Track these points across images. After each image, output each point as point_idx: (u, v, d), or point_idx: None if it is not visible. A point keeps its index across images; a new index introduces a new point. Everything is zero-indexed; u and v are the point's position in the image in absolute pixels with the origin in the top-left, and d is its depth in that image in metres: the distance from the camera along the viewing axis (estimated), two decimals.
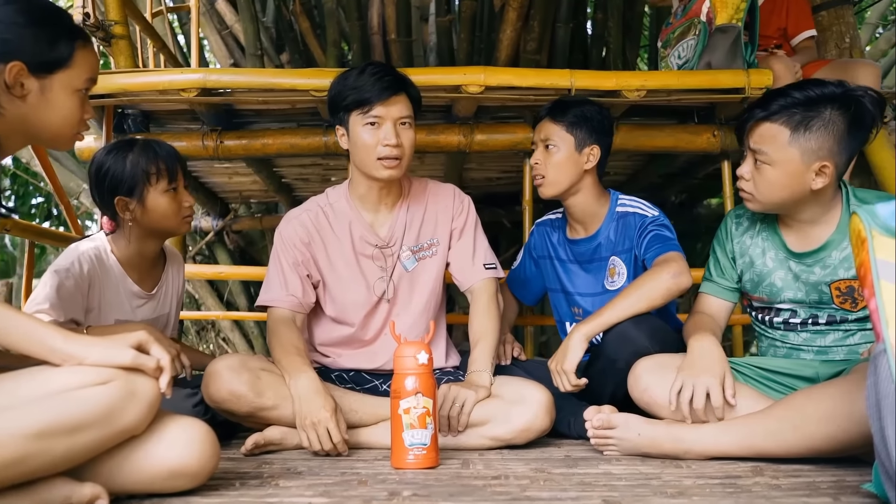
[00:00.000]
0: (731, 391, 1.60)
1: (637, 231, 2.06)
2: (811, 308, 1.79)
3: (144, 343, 1.25)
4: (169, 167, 1.93)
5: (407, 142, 1.88)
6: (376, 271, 1.99)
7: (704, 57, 2.63)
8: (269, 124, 2.93)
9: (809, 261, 1.77)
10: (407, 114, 1.87)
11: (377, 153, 1.85)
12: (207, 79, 2.47)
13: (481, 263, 2.04)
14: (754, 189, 1.75)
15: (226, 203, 4.54)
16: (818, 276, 1.76)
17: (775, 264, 1.83)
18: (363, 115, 1.85)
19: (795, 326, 1.83)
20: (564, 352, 1.85)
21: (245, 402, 1.73)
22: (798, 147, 1.66)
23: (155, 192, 1.92)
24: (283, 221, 2.03)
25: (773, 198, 1.73)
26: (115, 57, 2.86)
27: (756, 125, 1.71)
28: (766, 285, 1.85)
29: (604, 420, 1.71)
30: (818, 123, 1.64)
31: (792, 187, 1.69)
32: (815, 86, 1.68)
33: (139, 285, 1.99)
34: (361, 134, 1.86)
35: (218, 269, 3.25)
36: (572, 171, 2.09)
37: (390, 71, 1.90)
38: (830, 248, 1.74)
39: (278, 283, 1.95)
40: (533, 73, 2.52)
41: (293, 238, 1.98)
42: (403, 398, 1.57)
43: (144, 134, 2.87)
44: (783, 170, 1.68)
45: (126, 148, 1.92)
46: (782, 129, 1.66)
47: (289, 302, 1.94)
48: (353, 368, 2.04)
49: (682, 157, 3.20)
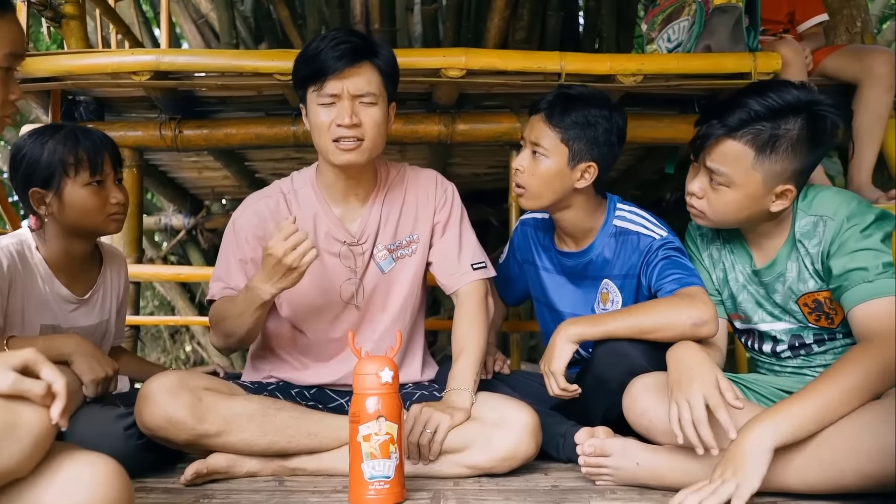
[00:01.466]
0: (731, 393, 1.33)
1: (643, 256, 1.75)
2: (792, 332, 1.60)
3: (32, 363, 1.01)
4: (91, 157, 1.68)
5: (368, 121, 1.60)
6: (343, 272, 1.74)
7: (703, 40, 2.41)
8: (235, 113, 2.70)
9: (769, 277, 1.59)
10: (368, 89, 1.60)
11: (331, 134, 1.60)
12: (161, 60, 2.24)
13: (468, 263, 1.78)
14: (707, 208, 1.56)
15: (198, 199, 4.31)
16: (782, 294, 1.58)
17: (744, 279, 1.64)
18: (318, 91, 1.60)
19: (783, 354, 1.64)
20: (551, 352, 1.62)
21: (184, 429, 1.49)
22: (762, 170, 1.48)
23: (74, 185, 1.68)
24: (238, 209, 1.79)
25: (726, 218, 1.56)
26: (67, 38, 2.63)
27: (716, 142, 1.50)
28: (740, 303, 1.66)
29: (597, 446, 1.50)
30: (784, 144, 1.46)
31: (750, 210, 1.53)
32: (774, 93, 1.48)
33: (69, 289, 1.75)
34: (317, 113, 1.62)
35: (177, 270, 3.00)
36: (559, 188, 1.75)
37: (352, 36, 1.61)
38: (782, 260, 1.56)
39: (221, 275, 1.75)
40: (519, 55, 2.29)
41: (245, 230, 1.74)
42: (363, 423, 1.35)
43: (97, 123, 2.63)
44: (742, 192, 1.50)
45: (49, 133, 1.69)
46: (746, 149, 1.47)
47: (228, 294, 1.72)
48: (315, 385, 1.80)
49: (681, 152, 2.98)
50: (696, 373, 1.38)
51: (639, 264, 1.76)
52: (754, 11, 2.34)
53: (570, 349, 1.60)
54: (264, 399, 1.60)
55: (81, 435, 1.48)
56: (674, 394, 1.39)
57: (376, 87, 1.62)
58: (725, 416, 1.30)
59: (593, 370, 1.64)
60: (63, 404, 1.01)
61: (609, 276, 1.82)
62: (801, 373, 1.62)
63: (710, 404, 1.32)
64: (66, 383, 1.01)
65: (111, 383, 1.65)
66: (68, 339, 1.63)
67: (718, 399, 1.32)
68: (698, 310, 1.54)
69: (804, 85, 1.50)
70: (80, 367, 1.59)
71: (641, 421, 1.53)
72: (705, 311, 1.55)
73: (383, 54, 1.64)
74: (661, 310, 1.58)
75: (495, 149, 3.19)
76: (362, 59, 1.59)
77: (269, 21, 5.12)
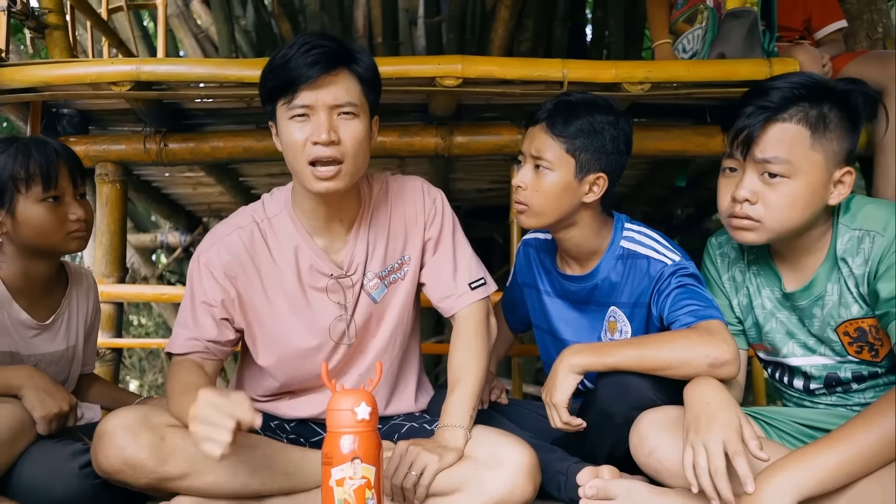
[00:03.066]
0: (754, 442, 1.17)
1: (654, 283, 1.58)
2: (827, 368, 1.43)
3: None
4: (44, 171, 1.54)
5: (349, 137, 1.39)
6: (332, 309, 1.55)
7: (716, 46, 2.28)
8: (223, 126, 2.59)
9: (804, 301, 1.41)
10: (348, 99, 1.39)
11: (306, 155, 1.39)
12: (141, 70, 2.12)
13: (465, 282, 1.60)
14: (765, 212, 1.33)
15: (194, 216, 4.19)
16: (820, 320, 1.40)
17: (773, 306, 1.47)
18: (288, 104, 1.39)
19: (817, 392, 1.47)
20: (553, 383, 1.47)
21: (144, 473, 1.33)
22: (822, 151, 1.31)
23: (27, 201, 1.55)
24: (204, 242, 1.55)
25: (791, 221, 1.34)
26: (51, 50, 2.53)
27: (764, 128, 1.32)
28: (766, 333, 1.49)
29: (600, 488, 1.36)
30: (835, 120, 1.31)
31: (814, 206, 1.33)
32: (797, 76, 1.36)
33: (29, 313, 1.62)
34: (289, 131, 1.40)
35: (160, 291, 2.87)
36: (566, 204, 1.58)
37: (326, 41, 1.40)
38: (821, 281, 1.38)
39: (186, 321, 1.52)
40: (519, 62, 2.15)
41: (214, 268, 1.51)
42: (336, 465, 1.20)
43: (80, 137, 2.53)
44: (805, 181, 1.31)
45: (3, 146, 1.56)
46: (801, 129, 1.30)
47: (192, 346, 1.49)
48: (295, 418, 1.64)
49: (692, 165, 2.84)
50: (716, 415, 1.22)
51: (649, 292, 1.59)
52: (771, 15, 2.20)
53: (574, 380, 1.44)
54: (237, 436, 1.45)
55: (31, 476, 1.36)
56: (689, 436, 1.23)
57: (356, 96, 1.41)
58: (745, 466, 1.15)
59: (597, 403, 1.48)
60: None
61: (616, 303, 1.66)
62: (835, 408, 1.45)
63: (730, 451, 1.17)
64: None
65: (67, 418, 1.52)
66: (17, 371, 1.50)
67: (739, 447, 1.17)
68: (718, 349, 1.37)
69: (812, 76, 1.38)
70: (29, 401, 1.46)
71: (649, 461, 1.38)
72: (726, 349, 1.37)
73: (362, 60, 1.45)
74: (677, 345, 1.41)
75: (498, 163, 3.07)
76: (338, 65, 1.40)
77: (271, 35, 5.04)
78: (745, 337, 1.55)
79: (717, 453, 1.17)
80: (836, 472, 1.11)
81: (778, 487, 1.11)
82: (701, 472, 1.18)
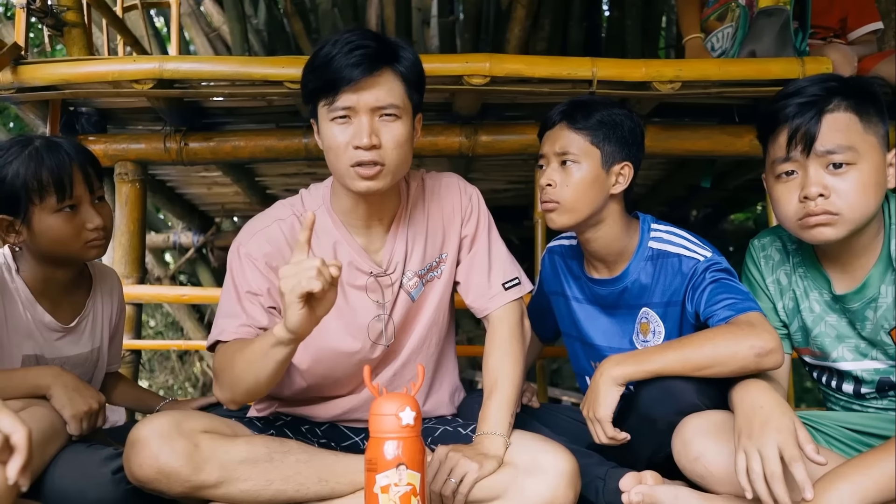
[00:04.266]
0: (811, 446, 1.14)
1: (687, 281, 1.55)
2: (880, 372, 1.39)
3: None
4: (57, 181, 1.46)
5: (390, 141, 1.37)
6: (371, 308, 1.52)
7: (746, 45, 2.25)
8: (243, 125, 2.56)
9: (856, 303, 1.38)
10: (390, 101, 1.37)
11: (348, 158, 1.37)
12: (164, 67, 2.09)
13: (499, 283, 1.57)
14: (841, 203, 1.30)
15: (208, 217, 4.17)
16: (873, 323, 1.37)
17: (822, 309, 1.44)
18: (329, 106, 1.37)
19: (868, 396, 1.44)
20: (595, 397, 1.43)
21: (178, 481, 1.29)
22: (874, 133, 1.31)
23: (42, 212, 1.48)
24: (243, 234, 1.52)
25: (868, 208, 1.31)
26: (69, 48, 2.50)
27: (821, 120, 1.30)
28: (815, 337, 1.46)
29: (646, 494, 1.32)
30: (876, 106, 1.32)
31: (882, 186, 1.33)
32: (818, 75, 1.38)
33: (53, 315, 1.58)
34: (331, 133, 1.38)
35: (181, 291, 2.84)
36: (597, 196, 1.58)
37: (368, 39, 1.36)
38: (874, 283, 1.36)
39: (233, 311, 1.47)
40: (547, 60, 2.12)
41: (256, 259, 1.46)
42: (381, 471, 1.17)
43: (99, 136, 2.50)
44: (869, 165, 1.30)
45: (15, 152, 1.48)
46: (851, 115, 1.30)
47: (244, 332, 1.45)
48: (327, 420, 1.61)
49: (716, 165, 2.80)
50: (770, 419, 1.19)
51: (683, 289, 1.56)
52: (804, 14, 2.17)
53: (617, 392, 1.41)
54: (269, 441, 1.41)
55: (62, 481, 1.32)
56: (742, 441, 1.19)
57: (399, 97, 1.38)
58: (803, 472, 1.11)
59: (639, 409, 1.45)
60: (23, 460, 0.84)
61: (648, 303, 1.63)
62: (886, 412, 1.42)
63: (786, 457, 1.13)
64: (28, 435, 0.85)
65: (97, 418, 1.49)
66: (46, 371, 1.47)
67: (796, 451, 1.13)
68: (761, 338, 1.34)
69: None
70: (59, 401, 1.42)
71: (695, 467, 1.34)
72: (769, 339, 1.34)
73: (406, 58, 1.41)
74: (719, 341, 1.37)
75: (517, 163, 3.04)
76: (382, 65, 1.37)
77: (283, 34, 5.01)
78: (790, 341, 1.52)
79: (772, 458, 1.14)
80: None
81: (840, 495, 1.08)
82: (756, 478, 1.15)
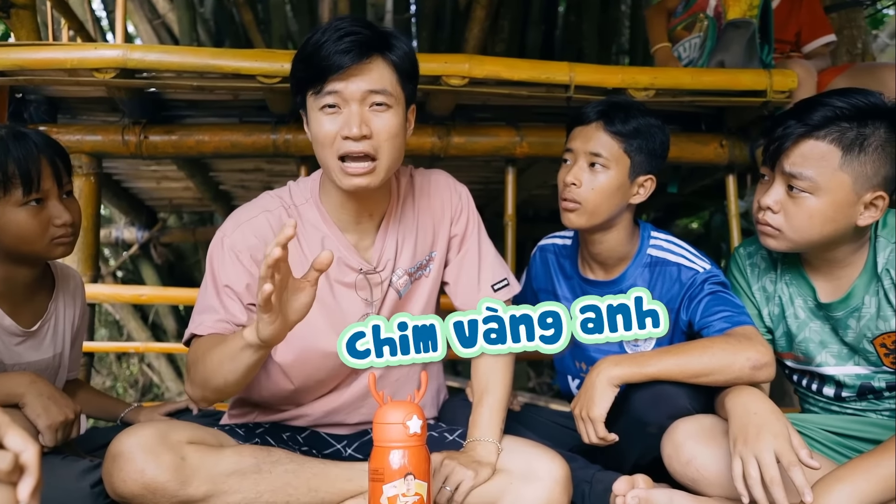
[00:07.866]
0: (805, 451, 1.18)
1: (685, 290, 1.59)
2: (861, 377, 1.46)
3: None
4: (24, 172, 1.38)
5: (382, 131, 1.32)
6: (359, 305, 1.48)
7: (716, 55, 2.31)
8: (206, 118, 2.46)
9: (840, 312, 1.44)
10: (381, 87, 1.31)
11: (336, 149, 1.32)
12: (128, 56, 1.99)
13: (489, 284, 1.56)
14: (785, 223, 1.39)
15: (153, 212, 4.01)
16: (855, 331, 1.43)
17: (806, 315, 1.49)
18: (317, 94, 1.32)
19: (848, 400, 1.50)
20: (590, 396, 1.44)
21: (165, 497, 1.22)
22: (851, 172, 1.33)
23: (6, 206, 1.39)
24: (228, 224, 1.45)
25: (810, 235, 1.38)
26: (16, 30, 2.34)
27: (796, 143, 1.35)
28: (799, 342, 1.51)
29: (642, 499, 1.33)
30: (874, 143, 1.32)
31: (836, 223, 1.36)
32: (859, 94, 1.36)
33: (14, 319, 1.48)
34: (318, 122, 1.33)
35: (138, 291, 2.70)
36: (618, 204, 1.58)
37: (359, 26, 1.32)
38: (858, 293, 1.42)
39: (211, 305, 1.40)
40: (527, 64, 2.12)
41: (240, 251, 1.39)
42: (388, 481, 1.14)
43: (48, 125, 2.36)
44: (828, 200, 1.34)
45: None
46: (832, 148, 1.33)
47: (222, 328, 1.38)
48: (308, 426, 1.57)
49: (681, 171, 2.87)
50: (765, 424, 1.21)
51: (679, 298, 1.59)
52: (768, 27, 2.24)
53: (613, 392, 1.42)
54: (257, 451, 1.35)
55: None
56: (738, 447, 1.22)
57: (390, 84, 1.33)
58: (801, 476, 1.14)
59: (631, 412, 1.47)
60: (35, 481, 0.77)
61: None
62: (863, 415, 1.48)
63: (784, 462, 1.16)
64: (39, 453, 0.78)
65: (72, 428, 1.40)
66: (19, 378, 1.38)
67: (793, 457, 1.16)
68: (758, 352, 1.38)
69: (880, 95, 1.37)
70: (33, 410, 1.34)
71: (687, 470, 1.37)
72: (765, 352, 1.39)
73: (399, 47, 1.36)
74: (716, 350, 1.41)
75: (480, 164, 3.03)
76: (372, 52, 1.32)
77: (232, 25, 4.86)
78: (774, 346, 1.56)
79: (770, 464, 1.17)
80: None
81: (839, 497, 1.12)
82: (753, 483, 1.17)
